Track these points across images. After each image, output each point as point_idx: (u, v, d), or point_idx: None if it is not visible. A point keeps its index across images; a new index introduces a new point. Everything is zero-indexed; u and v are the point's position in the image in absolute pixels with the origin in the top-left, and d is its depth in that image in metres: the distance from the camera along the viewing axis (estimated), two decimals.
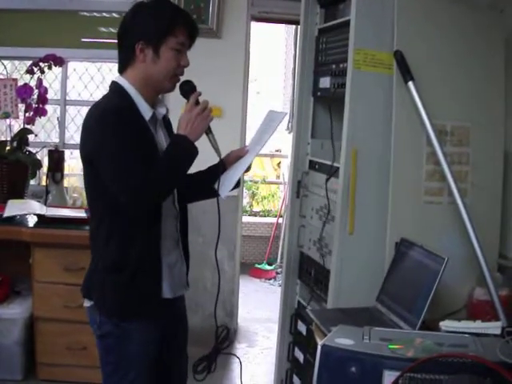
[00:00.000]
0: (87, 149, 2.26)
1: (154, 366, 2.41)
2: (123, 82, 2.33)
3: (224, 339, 2.49)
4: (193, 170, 2.40)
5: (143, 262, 2.29)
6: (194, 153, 2.26)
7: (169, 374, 2.54)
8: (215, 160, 2.44)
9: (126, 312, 2.31)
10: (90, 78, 5.09)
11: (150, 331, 2.35)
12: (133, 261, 2.27)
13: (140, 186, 2.13)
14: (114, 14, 4.92)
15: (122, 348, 2.33)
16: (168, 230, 2.37)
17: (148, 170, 2.14)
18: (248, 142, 2.65)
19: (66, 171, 4.48)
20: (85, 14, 4.93)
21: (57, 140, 4.91)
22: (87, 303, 2.38)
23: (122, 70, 2.36)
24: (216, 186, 2.40)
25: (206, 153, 2.35)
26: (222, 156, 2.43)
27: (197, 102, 2.32)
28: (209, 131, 2.35)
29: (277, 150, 9.10)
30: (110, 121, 2.18)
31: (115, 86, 2.34)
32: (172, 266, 2.39)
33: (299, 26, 3.47)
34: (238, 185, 2.47)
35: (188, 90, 2.36)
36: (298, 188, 3.46)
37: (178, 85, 2.39)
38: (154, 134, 2.34)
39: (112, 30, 4.92)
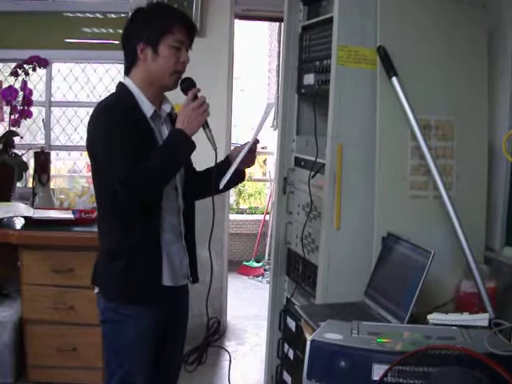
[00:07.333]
0: (88, 143, 2.41)
1: (151, 355, 2.49)
2: (128, 81, 2.47)
3: (215, 331, 2.53)
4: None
5: (141, 250, 2.39)
6: (189, 146, 2.34)
7: (163, 363, 2.60)
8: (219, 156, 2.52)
9: (125, 297, 2.41)
10: (74, 79, 5.07)
11: (147, 319, 2.43)
12: (131, 248, 2.38)
13: (129, 175, 2.21)
14: (98, 15, 4.92)
15: (119, 335, 2.42)
16: (169, 223, 2.47)
17: (141, 162, 2.23)
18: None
19: (52, 173, 4.47)
20: (68, 14, 4.92)
21: (42, 142, 4.89)
22: (96, 290, 2.50)
23: (127, 72, 2.50)
24: (217, 180, 2.47)
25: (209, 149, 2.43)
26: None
27: (195, 98, 2.39)
28: (206, 126, 2.42)
29: (263, 148, 9.09)
30: (104, 116, 2.34)
31: (120, 86, 2.49)
32: (172, 256, 2.49)
33: (283, 24, 3.48)
34: (242, 178, 2.64)
35: (187, 86, 2.45)
36: (285, 185, 3.47)
37: None
38: (155, 130, 2.44)
39: (96, 30, 4.91)
